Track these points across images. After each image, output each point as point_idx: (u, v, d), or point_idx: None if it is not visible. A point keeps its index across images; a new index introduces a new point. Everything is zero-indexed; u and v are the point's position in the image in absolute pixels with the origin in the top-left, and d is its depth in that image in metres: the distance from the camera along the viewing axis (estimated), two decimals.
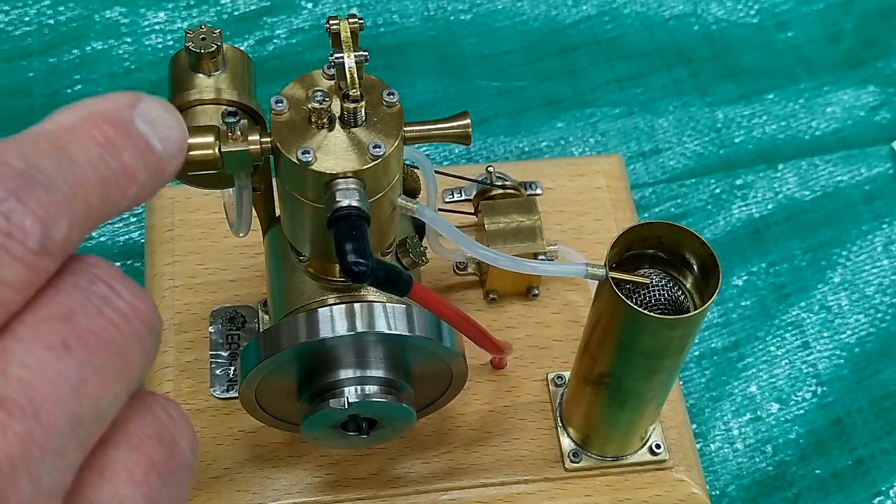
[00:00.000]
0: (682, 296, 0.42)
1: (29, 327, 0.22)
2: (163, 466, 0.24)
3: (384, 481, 0.50)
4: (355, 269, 0.34)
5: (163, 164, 0.26)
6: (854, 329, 0.64)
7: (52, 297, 0.23)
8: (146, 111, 0.26)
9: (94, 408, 0.22)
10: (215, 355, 0.53)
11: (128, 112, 0.25)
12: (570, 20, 0.77)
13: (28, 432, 0.21)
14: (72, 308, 0.23)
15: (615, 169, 0.61)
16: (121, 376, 0.23)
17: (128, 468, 0.23)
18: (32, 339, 0.22)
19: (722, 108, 0.73)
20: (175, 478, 0.25)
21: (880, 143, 0.72)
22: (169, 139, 0.26)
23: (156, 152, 0.26)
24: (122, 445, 0.24)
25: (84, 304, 0.23)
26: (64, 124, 0.24)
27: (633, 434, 0.50)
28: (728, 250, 0.67)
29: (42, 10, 0.74)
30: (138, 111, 0.26)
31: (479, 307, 0.55)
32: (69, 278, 0.23)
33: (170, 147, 0.26)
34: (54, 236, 0.22)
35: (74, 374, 0.22)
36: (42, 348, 0.22)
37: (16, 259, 0.21)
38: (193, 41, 0.39)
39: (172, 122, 0.27)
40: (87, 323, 0.23)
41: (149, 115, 0.26)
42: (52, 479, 0.21)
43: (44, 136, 0.24)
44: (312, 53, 0.73)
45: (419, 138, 0.40)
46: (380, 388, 0.42)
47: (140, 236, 0.64)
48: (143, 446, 0.24)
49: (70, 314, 0.23)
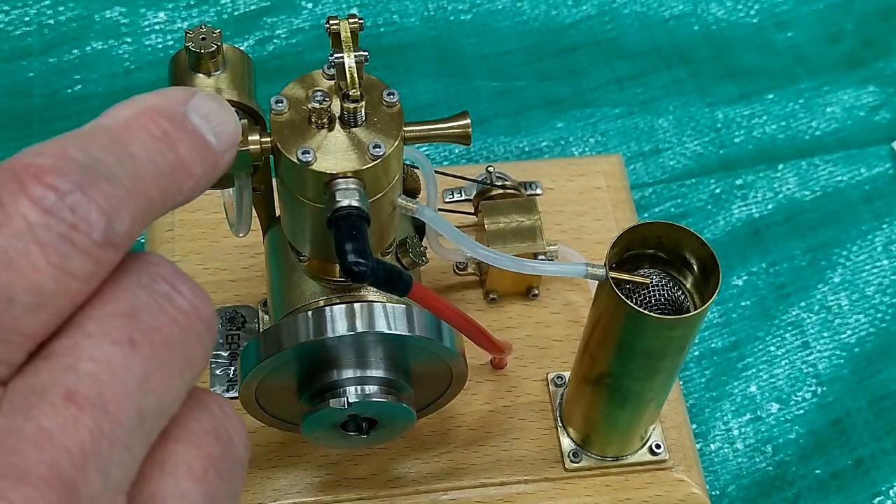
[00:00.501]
0: (682, 296, 0.42)
1: (96, 322, 0.22)
2: (220, 462, 0.25)
3: (384, 481, 0.50)
4: (355, 269, 0.34)
5: (217, 157, 0.26)
6: (854, 329, 0.64)
7: (116, 294, 0.23)
8: (200, 106, 0.26)
9: (157, 403, 0.23)
10: (215, 355, 0.53)
11: (182, 107, 0.26)
12: (570, 20, 0.77)
13: (98, 426, 0.21)
14: (136, 305, 0.23)
15: (615, 169, 0.61)
16: (182, 373, 0.24)
17: (188, 463, 0.24)
18: (100, 335, 0.22)
19: (722, 108, 0.73)
20: (231, 473, 0.25)
21: (880, 143, 0.72)
22: (222, 133, 0.27)
23: (210, 146, 0.26)
24: (182, 440, 0.24)
25: (148, 302, 0.23)
26: (122, 119, 0.25)
27: (633, 434, 0.50)
28: (728, 250, 0.67)
29: (42, 10, 0.74)
30: (192, 106, 0.26)
31: (479, 307, 0.55)
32: (132, 276, 0.24)
33: (223, 140, 0.27)
34: (117, 228, 0.22)
35: (140, 370, 0.22)
36: (109, 344, 0.22)
37: (81, 251, 0.22)
38: (193, 41, 0.39)
39: (226, 117, 0.27)
40: (152, 320, 0.23)
41: (203, 109, 0.26)
42: (120, 472, 0.22)
43: (103, 130, 0.24)
44: (312, 53, 0.73)
45: (419, 138, 0.40)
46: (380, 388, 0.42)
47: (140, 236, 0.64)
48: (201, 442, 0.24)
49: (135, 311, 0.23)
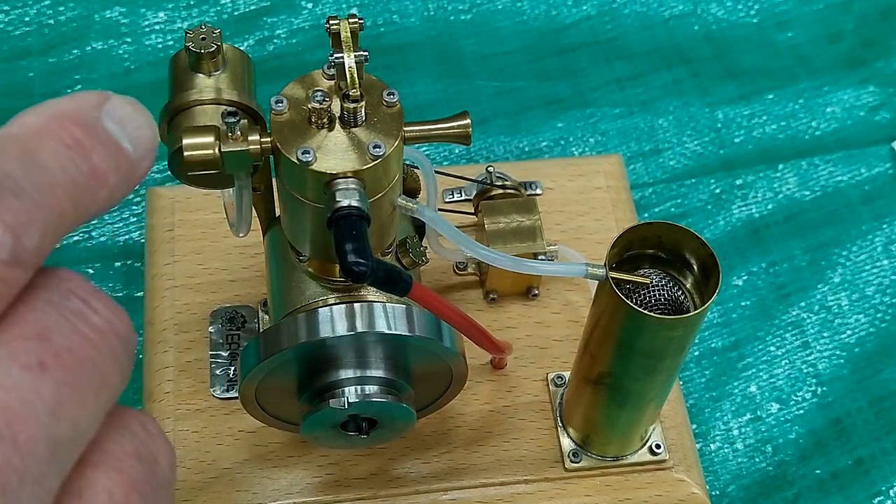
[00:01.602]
0: (682, 296, 0.42)
1: (3, 347, 0.21)
2: (143, 486, 0.23)
3: (384, 481, 0.50)
4: (355, 269, 0.34)
5: (133, 164, 0.25)
6: (854, 329, 0.64)
7: (25, 314, 0.22)
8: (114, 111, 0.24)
9: (72, 429, 0.21)
10: (215, 355, 0.53)
11: (96, 112, 0.24)
12: (570, 20, 0.77)
13: (7, 460, 0.20)
14: (47, 325, 0.22)
15: (615, 169, 0.61)
16: (98, 394, 0.22)
17: (108, 490, 0.22)
18: (8, 360, 0.21)
19: (722, 108, 0.73)
20: (156, 496, 0.24)
21: (880, 143, 0.72)
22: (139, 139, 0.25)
23: (126, 153, 0.24)
24: (101, 465, 0.23)
25: (59, 321, 0.22)
26: (31, 127, 0.23)
27: (633, 434, 0.50)
28: (728, 250, 0.67)
29: (42, 10, 0.74)
30: (106, 111, 0.24)
31: (479, 307, 0.55)
32: (42, 294, 0.22)
33: (140, 147, 0.25)
34: (26, 245, 0.21)
35: (52, 395, 0.21)
36: (18, 369, 0.21)
37: None
38: (193, 41, 0.39)
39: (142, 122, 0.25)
40: (63, 340, 0.22)
41: (117, 114, 0.24)
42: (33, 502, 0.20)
43: (10, 139, 0.22)
44: (312, 53, 0.73)
45: (419, 138, 0.40)
46: (380, 388, 0.42)
47: (140, 236, 0.64)
48: (122, 466, 0.23)
49: (45, 332, 0.21)
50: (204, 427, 0.51)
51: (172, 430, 0.50)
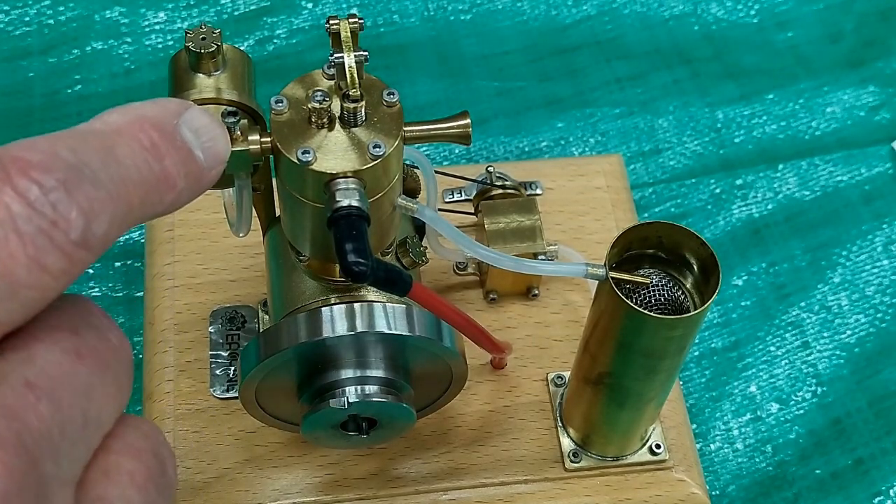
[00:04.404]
0: (682, 296, 0.42)
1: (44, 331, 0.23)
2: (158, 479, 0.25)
3: (384, 481, 0.50)
4: (355, 269, 0.34)
5: (202, 173, 0.27)
6: (854, 329, 0.64)
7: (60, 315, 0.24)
8: (192, 120, 0.27)
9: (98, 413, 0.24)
10: (215, 355, 0.53)
11: (175, 119, 0.26)
12: (570, 20, 0.77)
13: (52, 416, 0.22)
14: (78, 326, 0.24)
15: (615, 169, 0.61)
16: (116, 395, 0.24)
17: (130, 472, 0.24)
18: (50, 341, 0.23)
19: (722, 108, 0.73)
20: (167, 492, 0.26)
21: (880, 143, 0.72)
22: (211, 149, 0.27)
23: (197, 161, 0.26)
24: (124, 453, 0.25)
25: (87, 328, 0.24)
26: (113, 125, 0.25)
27: (633, 434, 0.50)
28: (728, 250, 0.67)
29: (42, 10, 0.74)
30: (185, 119, 0.26)
31: (479, 307, 0.55)
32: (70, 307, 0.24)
33: (211, 157, 0.27)
34: (95, 230, 0.23)
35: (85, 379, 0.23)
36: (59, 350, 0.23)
37: (57, 247, 0.22)
38: (193, 41, 0.39)
39: (216, 134, 0.27)
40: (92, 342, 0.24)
41: (194, 124, 0.27)
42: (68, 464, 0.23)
43: (93, 133, 0.24)
44: (312, 53, 0.73)
45: (419, 138, 0.40)
46: (380, 387, 0.42)
47: (140, 236, 0.64)
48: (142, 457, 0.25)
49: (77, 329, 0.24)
50: (204, 427, 0.51)
51: (172, 430, 0.50)
